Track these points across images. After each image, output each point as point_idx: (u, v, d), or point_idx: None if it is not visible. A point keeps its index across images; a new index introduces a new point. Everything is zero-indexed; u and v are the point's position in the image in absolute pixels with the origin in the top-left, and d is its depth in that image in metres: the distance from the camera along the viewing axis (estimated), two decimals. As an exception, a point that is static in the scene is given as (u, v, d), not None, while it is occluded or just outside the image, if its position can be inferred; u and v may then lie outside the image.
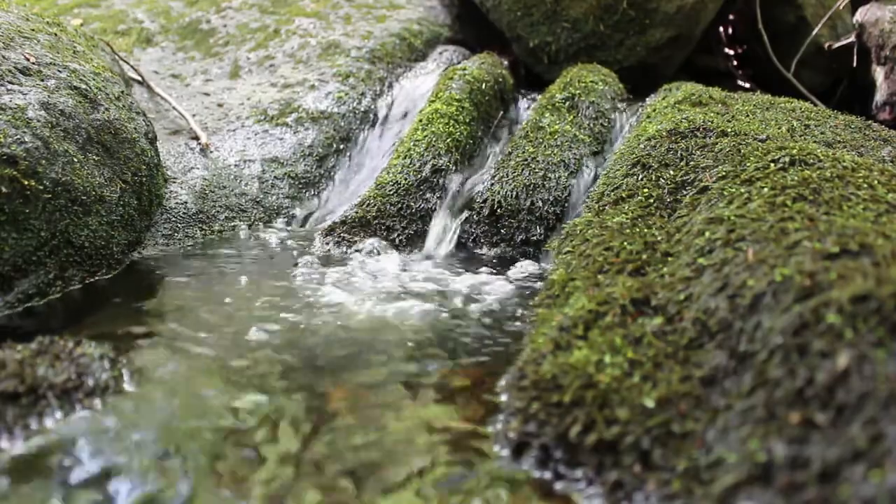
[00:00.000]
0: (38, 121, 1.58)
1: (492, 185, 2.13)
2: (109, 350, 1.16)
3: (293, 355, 1.26)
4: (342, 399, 1.11)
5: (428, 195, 2.20)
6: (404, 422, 1.04)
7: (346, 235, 2.04)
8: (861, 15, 3.10)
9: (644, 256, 1.32)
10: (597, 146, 2.35)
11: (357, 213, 2.10)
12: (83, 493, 0.84)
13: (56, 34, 2.01)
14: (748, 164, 1.44)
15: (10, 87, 1.62)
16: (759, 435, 0.79)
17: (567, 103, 2.47)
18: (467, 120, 2.46)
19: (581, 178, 2.19)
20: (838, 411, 0.75)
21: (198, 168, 2.28)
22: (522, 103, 2.88)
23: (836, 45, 3.41)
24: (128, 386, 1.09)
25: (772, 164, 1.40)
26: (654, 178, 1.66)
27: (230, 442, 0.96)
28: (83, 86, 1.81)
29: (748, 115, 2.04)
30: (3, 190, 1.42)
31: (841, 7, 3.40)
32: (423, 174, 2.23)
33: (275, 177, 2.39)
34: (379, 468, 0.92)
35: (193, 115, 2.58)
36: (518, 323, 1.49)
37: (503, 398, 1.08)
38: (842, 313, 0.83)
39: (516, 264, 1.91)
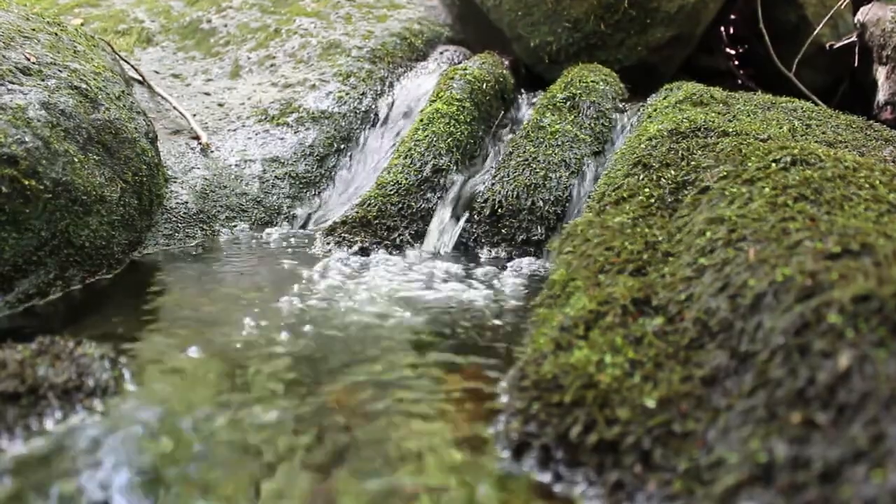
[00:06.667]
0: (39, 120, 1.58)
1: (493, 184, 2.13)
2: (110, 350, 1.16)
3: (293, 355, 1.26)
4: (342, 399, 1.11)
5: (429, 195, 2.20)
6: (404, 422, 1.04)
7: (346, 235, 2.03)
8: (862, 14, 3.10)
9: (645, 256, 1.32)
10: (598, 146, 2.35)
11: (358, 212, 2.10)
12: (83, 494, 0.84)
13: (56, 34, 2.01)
14: (749, 164, 1.44)
15: (10, 86, 1.62)
16: (760, 435, 0.79)
17: (568, 103, 2.47)
18: (468, 120, 2.46)
19: (582, 177, 2.18)
20: (839, 411, 0.74)
21: (198, 168, 2.28)
22: (523, 103, 2.88)
23: (838, 44, 3.41)
24: (129, 386, 1.09)
25: (773, 164, 1.40)
26: (655, 177, 1.66)
27: (230, 442, 0.96)
28: (84, 85, 1.81)
29: (749, 115, 2.03)
30: (4, 190, 1.42)
31: (842, 6, 3.40)
32: (424, 174, 2.22)
33: (275, 177, 2.39)
34: (378, 468, 0.92)
35: (194, 115, 2.58)
36: (519, 323, 1.49)
37: (504, 398, 1.08)
38: (843, 313, 0.83)
39: (517, 264, 1.91)
